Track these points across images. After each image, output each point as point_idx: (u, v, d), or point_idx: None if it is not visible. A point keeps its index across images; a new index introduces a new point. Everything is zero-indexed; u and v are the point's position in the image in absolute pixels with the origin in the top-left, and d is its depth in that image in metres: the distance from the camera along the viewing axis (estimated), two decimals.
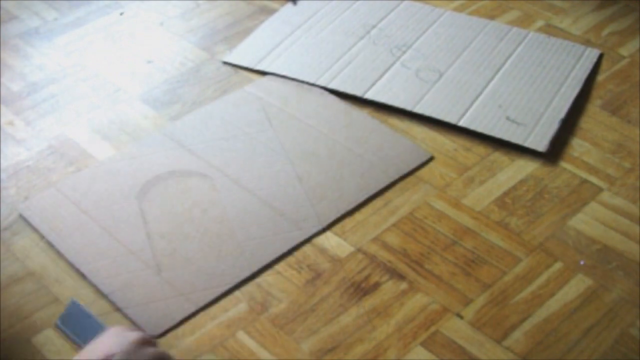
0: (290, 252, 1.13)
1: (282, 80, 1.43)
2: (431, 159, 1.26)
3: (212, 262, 1.11)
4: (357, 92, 1.41)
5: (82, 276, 1.10)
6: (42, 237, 1.16)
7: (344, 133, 1.31)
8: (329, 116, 1.35)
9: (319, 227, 1.16)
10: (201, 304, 1.06)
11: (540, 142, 1.29)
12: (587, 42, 1.53)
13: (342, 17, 1.60)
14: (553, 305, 1.06)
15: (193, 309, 1.05)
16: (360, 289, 1.08)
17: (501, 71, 1.45)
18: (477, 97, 1.38)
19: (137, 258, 1.11)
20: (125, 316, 1.05)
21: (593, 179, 1.24)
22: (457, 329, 1.03)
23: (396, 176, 1.24)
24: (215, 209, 1.18)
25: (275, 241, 1.14)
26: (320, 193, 1.21)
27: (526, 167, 1.27)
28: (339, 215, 1.18)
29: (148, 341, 0.87)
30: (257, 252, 1.12)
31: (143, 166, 1.26)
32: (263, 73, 1.47)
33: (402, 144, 1.29)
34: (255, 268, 1.10)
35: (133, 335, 0.87)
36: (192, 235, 1.15)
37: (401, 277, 1.10)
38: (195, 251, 1.13)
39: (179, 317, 1.04)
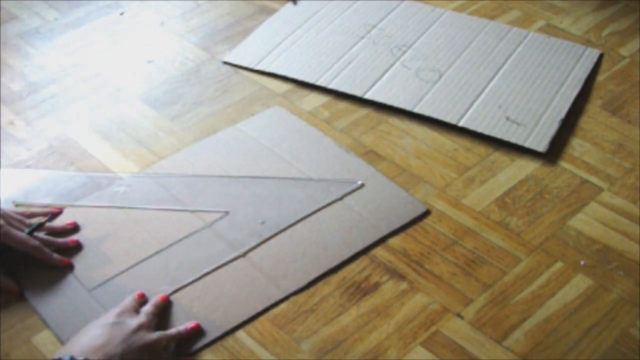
0: (264, 311, 1.06)
1: (278, 118, 1.37)
2: (427, 212, 1.19)
3: (182, 321, 1.03)
4: (357, 92, 1.41)
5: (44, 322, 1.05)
6: None
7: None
8: (322, 161, 1.27)
9: (297, 287, 1.08)
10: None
11: (540, 142, 1.29)
12: (587, 42, 1.53)
13: (342, 17, 1.60)
14: (553, 305, 1.06)
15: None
16: (360, 289, 1.08)
17: (501, 71, 1.45)
18: (477, 97, 1.38)
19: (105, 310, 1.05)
20: None
21: (593, 179, 1.24)
22: (457, 329, 1.03)
23: (386, 231, 1.15)
24: (191, 262, 1.12)
25: (250, 299, 1.07)
26: (302, 249, 1.12)
27: (526, 167, 1.27)
28: (320, 273, 1.10)
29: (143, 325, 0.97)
30: (230, 310, 1.05)
31: (121, 211, 1.19)
32: (262, 73, 1.47)
33: (396, 196, 1.21)
34: (226, 328, 1.03)
35: (129, 325, 0.94)
36: (165, 291, 1.08)
37: (401, 277, 1.10)
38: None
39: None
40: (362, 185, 1.20)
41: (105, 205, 1.20)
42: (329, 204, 1.19)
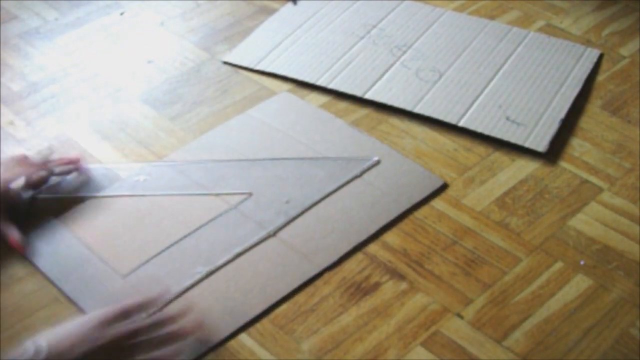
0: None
1: (288, 103, 1.39)
2: (444, 186, 1.22)
3: (221, 301, 1.06)
4: (357, 92, 1.41)
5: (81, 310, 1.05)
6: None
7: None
8: (336, 141, 1.30)
9: (330, 262, 1.10)
10: (209, 344, 1.01)
11: (540, 142, 1.29)
12: (587, 42, 1.53)
13: (342, 17, 1.60)
14: (553, 305, 1.06)
15: (202, 349, 1.01)
16: (360, 289, 1.08)
17: (501, 71, 1.45)
18: (477, 97, 1.38)
19: (140, 293, 1.04)
20: None
21: (593, 179, 1.24)
22: (457, 329, 1.03)
23: (408, 205, 1.18)
24: (222, 244, 1.14)
25: (286, 276, 1.09)
26: (330, 225, 1.15)
27: (526, 167, 1.27)
28: (350, 248, 1.12)
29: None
30: (267, 288, 1.07)
31: (144, 198, 1.21)
32: (262, 73, 1.47)
33: (414, 171, 1.24)
34: (264, 306, 1.05)
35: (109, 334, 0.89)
36: (199, 272, 1.10)
37: (401, 277, 1.10)
38: (202, 289, 1.07)
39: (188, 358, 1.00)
40: (378, 162, 1.24)
41: (128, 194, 1.21)
42: (349, 182, 1.22)
